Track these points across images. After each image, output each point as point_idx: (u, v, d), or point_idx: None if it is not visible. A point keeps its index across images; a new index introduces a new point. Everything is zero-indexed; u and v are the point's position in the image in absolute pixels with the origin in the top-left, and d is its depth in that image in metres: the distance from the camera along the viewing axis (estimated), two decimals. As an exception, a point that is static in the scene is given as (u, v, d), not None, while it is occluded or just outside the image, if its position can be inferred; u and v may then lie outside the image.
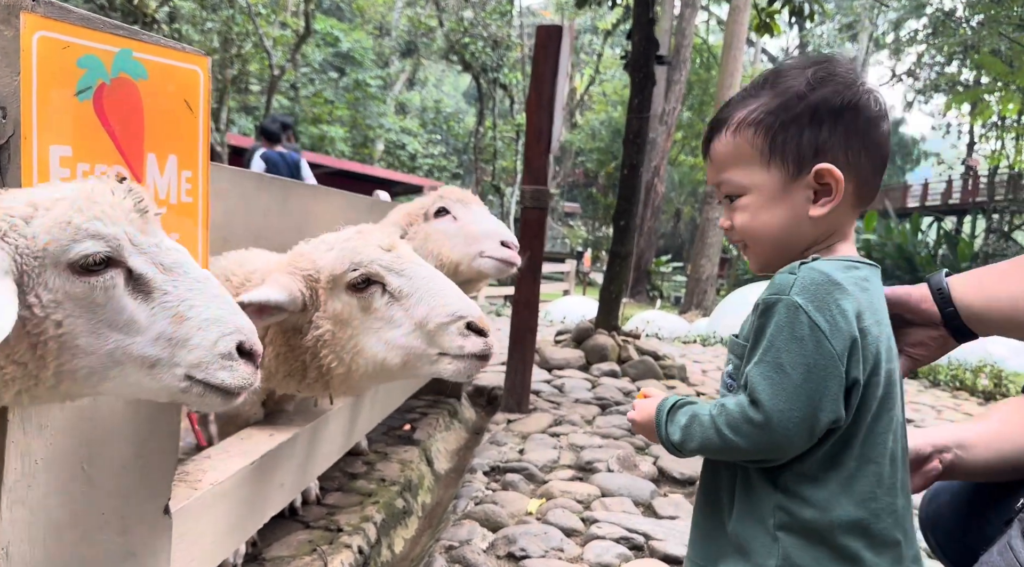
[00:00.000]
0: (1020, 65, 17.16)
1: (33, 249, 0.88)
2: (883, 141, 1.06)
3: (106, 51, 1.14)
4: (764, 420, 0.96)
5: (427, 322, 1.45)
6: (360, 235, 1.54)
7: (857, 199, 1.07)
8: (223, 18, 14.57)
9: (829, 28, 31.70)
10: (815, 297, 0.97)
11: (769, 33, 6.29)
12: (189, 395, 0.99)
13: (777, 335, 0.97)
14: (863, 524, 0.98)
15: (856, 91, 1.05)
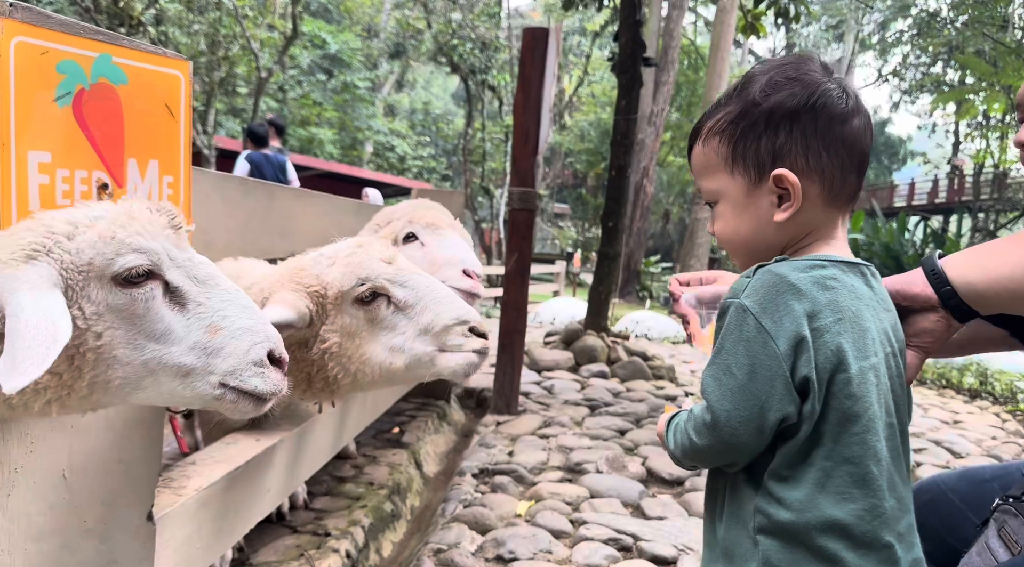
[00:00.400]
0: (1004, 65, 17.32)
1: (78, 264, 0.94)
2: (851, 138, 1.04)
3: (85, 56, 1.13)
4: (712, 421, 0.99)
5: (432, 327, 1.52)
6: (362, 249, 1.58)
7: (828, 199, 1.05)
8: (210, 20, 14.49)
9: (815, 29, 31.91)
10: (763, 299, 0.98)
11: (755, 35, 6.32)
12: (223, 402, 1.03)
13: (726, 337, 0.99)
14: (841, 524, 0.97)
15: (815, 91, 1.03)
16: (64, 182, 1.11)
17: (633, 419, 4.26)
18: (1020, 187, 22.16)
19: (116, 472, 1.24)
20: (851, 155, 1.04)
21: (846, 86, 1.05)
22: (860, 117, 1.05)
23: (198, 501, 1.51)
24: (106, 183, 1.17)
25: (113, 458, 1.23)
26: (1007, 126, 21.50)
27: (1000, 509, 1.33)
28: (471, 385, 5.03)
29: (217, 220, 1.82)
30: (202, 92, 14.65)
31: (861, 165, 1.06)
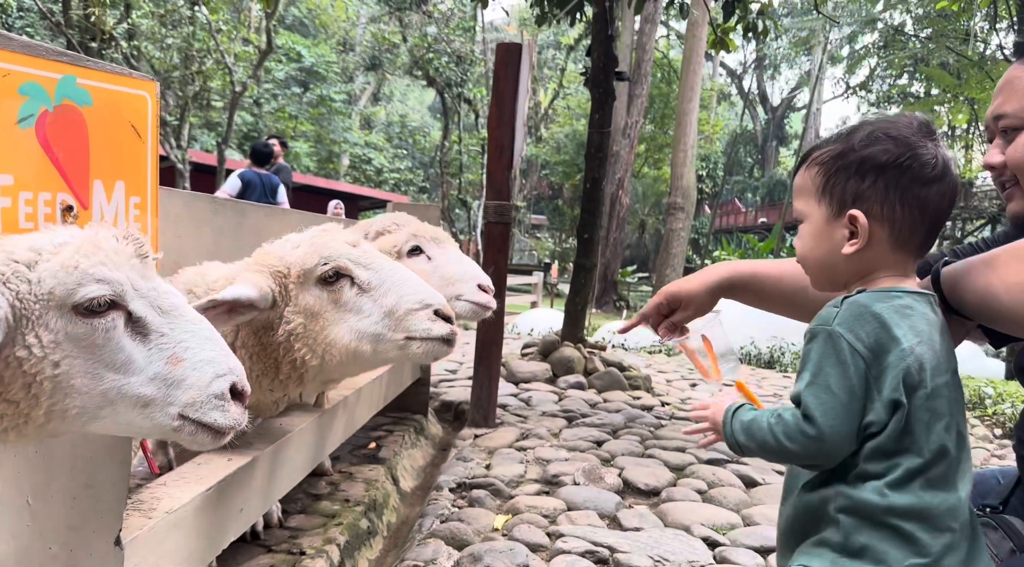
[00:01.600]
0: (968, 77, 17.74)
1: (37, 293, 0.93)
2: (927, 200, 1.16)
3: (49, 78, 1.13)
4: (818, 434, 1.12)
5: (396, 309, 1.52)
6: (326, 232, 1.60)
7: (895, 245, 1.19)
8: (183, 35, 14.40)
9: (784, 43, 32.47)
10: (854, 326, 1.13)
11: (725, 49, 6.43)
12: (181, 434, 1.02)
13: (824, 360, 1.13)
14: (917, 510, 1.11)
15: (907, 153, 1.16)
16: (27, 205, 1.10)
17: (610, 430, 4.27)
18: (985, 196, 22.65)
19: (82, 497, 1.22)
20: (923, 214, 1.17)
21: (940, 154, 1.17)
22: (942, 185, 1.17)
23: (168, 524, 1.49)
24: (71, 205, 1.17)
25: (79, 483, 1.21)
26: (972, 137, 22.01)
27: (981, 522, 1.35)
28: (448, 398, 5.01)
29: (187, 239, 1.81)
30: (176, 106, 14.53)
31: (934, 224, 1.19)
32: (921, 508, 1.11)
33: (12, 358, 0.91)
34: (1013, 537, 1.27)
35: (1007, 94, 1.29)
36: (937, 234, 1.22)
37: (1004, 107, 1.28)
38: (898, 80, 26.52)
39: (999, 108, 1.30)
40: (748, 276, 1.60)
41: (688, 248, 23.06)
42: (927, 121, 1.21)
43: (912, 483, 1.12)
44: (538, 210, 38.39)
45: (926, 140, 1.17)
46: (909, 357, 1.11)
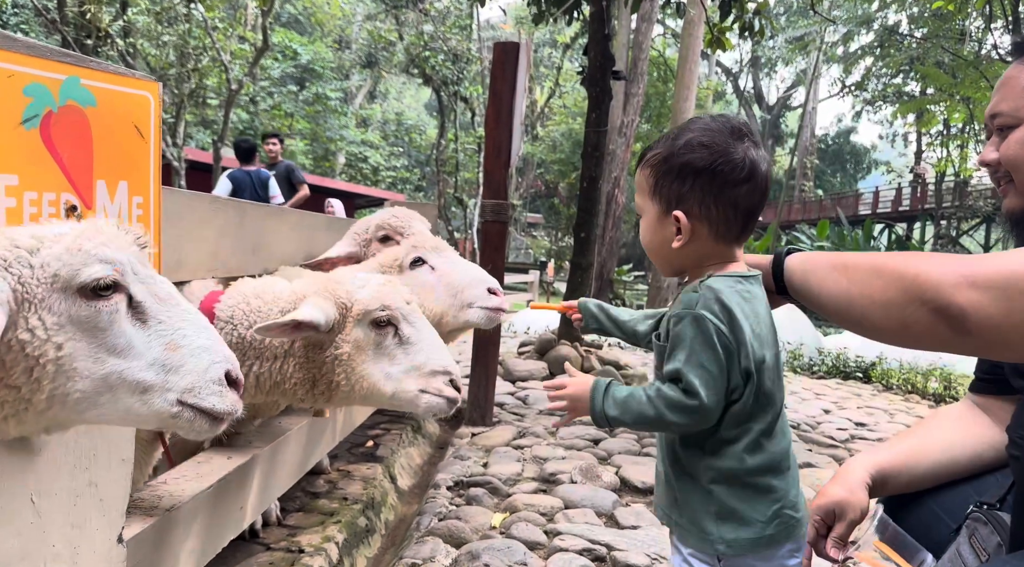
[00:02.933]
0: (963, 77, 17.79)
1: (40, 277, 0.94)
2: (739, 199, 1.32)
3: (53, 79, 1.13)
4: (699, 405, 1.28)
5: (423, 367, 1.77)
6: (391, 285, 1.86)
7: (716, 239, 1.35)
8: (179, 32, 14.35)
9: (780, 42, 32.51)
10: (715, 309, 1.29)
11: (721, 48, 6.44)
12: (179, 420, 1.04)
13: (695, 341, 1.29)
14: (767, 464, 1.34)
15: (718, 159, 1.30)
16: (32, 205, 1.11)
17: (607, 428, 4.29)
18: (980, 195, 22.73)
19: (86, 495, 1.23)
20: (736, 212, 1.33)
21: (749, 157, 1.31)
22: (751, 184, 1.32)
23: (169, 521, 1.50)
24: (75, 205, 1.17)
25: (82, 481, 1.22)
26: (967, 136, 22.08)
27: (972, 516, 1.37)
28: (445, 397, 5.02)
29: (187, 239, 1.82)
30: (172, 104, 14.48)
31: (747, 218, 1.35)
32: (770, 461, 1.34)
33: (14, 341, 0.92)
34: (1001, 532, 1.29)
35: (1003, 93, 1.31)
36: (753, 225, 1.37)
37: (1000, 106, 1.30)
38: (893, 79, 26.58)
39: (995, 106, 1.32)
40: (900, 466, 1.52)
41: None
42: (740, 124, 1.35)
43: (761, 443, 1.34)
44: (534, 209, 38.40)
45: (737, 143, 1.31)
46: (752, 336, 1.29)
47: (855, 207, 32.54)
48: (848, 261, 1.24)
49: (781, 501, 1.35)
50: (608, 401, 1.36)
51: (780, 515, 1.35)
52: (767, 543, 1.34)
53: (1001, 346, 1.04)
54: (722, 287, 1.31)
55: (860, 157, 43.30)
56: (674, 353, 1.31)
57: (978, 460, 1.51)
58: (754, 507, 1.33)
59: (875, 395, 6.88)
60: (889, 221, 28.77)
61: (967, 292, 1.02)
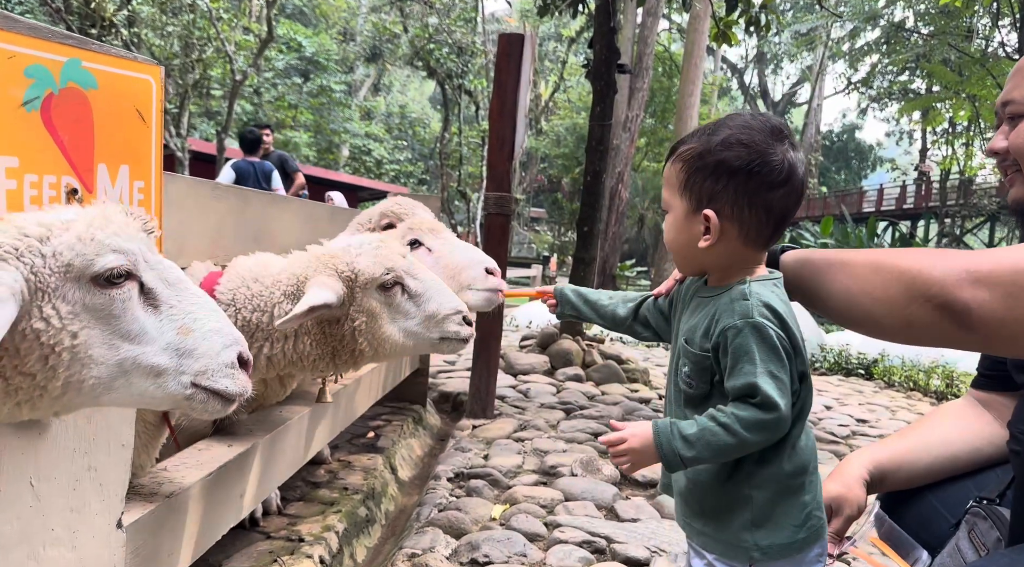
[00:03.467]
0: (969, 74, 17.72)
1: (53, 266, 0.95)
2: (772, 203, 1.27)
3: (54, 61, 1.13)
4: (777, 417, 1.22)
5: (436, 314, 1.85)
6: (385, 244, 1.88)
7: (745, 242, 1.30)
8: (184, 23, 14.32)
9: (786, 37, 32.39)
10: (769, 315, 1.25)
11: (727, 43, 6.41)
12: (192, 402, 1.06)
13: (759, 349, 1.23)
14: (803, 462, 1.31)
15: (756, 159, 1.25)
16: (32, 187, 1.10)
17: (607, 422, 4.29)
18: (985, 193, 22.64)
19: (85, 479, 1.23)
20: (769, 216, 1.28)
21: (788, 159, 1.26)
22: (788, 187, 1.27)
23: (169, 507, 1.50)
24: (75, 188, 1.17)
25: (82, 465, 1.22)
26: (972, 134, 21.98)
27: (971, 511, 1.36)
28: (447, 389, 5.03)
29: (189, 225, 1.81)
30: (176, 94, 14.47)
31: (779, 222, 1.30)
32: (805, 461, 1.32)
33: (29, 330, 0.93)
34: (1000, 527, 1.29)
35: (1016, 80, 1.29)
36: (783, 230, 1.33)
37: (1013, 94, 1.28)
38: (899, 76, 26.47)
39: (1008, 94, 1.30)
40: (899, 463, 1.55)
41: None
42: (780, 124, 1.30)
43: (797, 444, 1.31)
44: (537, 203, 38.35)
45: (776, 144, 1.26)
46: (800, 339, 1.27)
47: (859, 204, 32.45)
48: (846, 258, 1.23)
49: (812, 504, 1.32)
50: (677, 443, 1.26)
51: (811, 518, 1.32)
52: (799, 547, 1.31)
53: (1006, 342, 1.03)
54: (766, 292, 1.28)
55: (865, 154, 43.17)
56: (739, 366, 1.25)
57: (977, 455, 1.51)
58: (788, 511, 1.30)
59: (877, 392, 6.87)
60: (893, 219, 28.69)
61: (971, 288, 1.01)
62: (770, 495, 1.29)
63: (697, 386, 1.33)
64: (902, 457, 1.56)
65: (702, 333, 1.31)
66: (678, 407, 1.40)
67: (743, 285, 1.28)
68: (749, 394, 1.23)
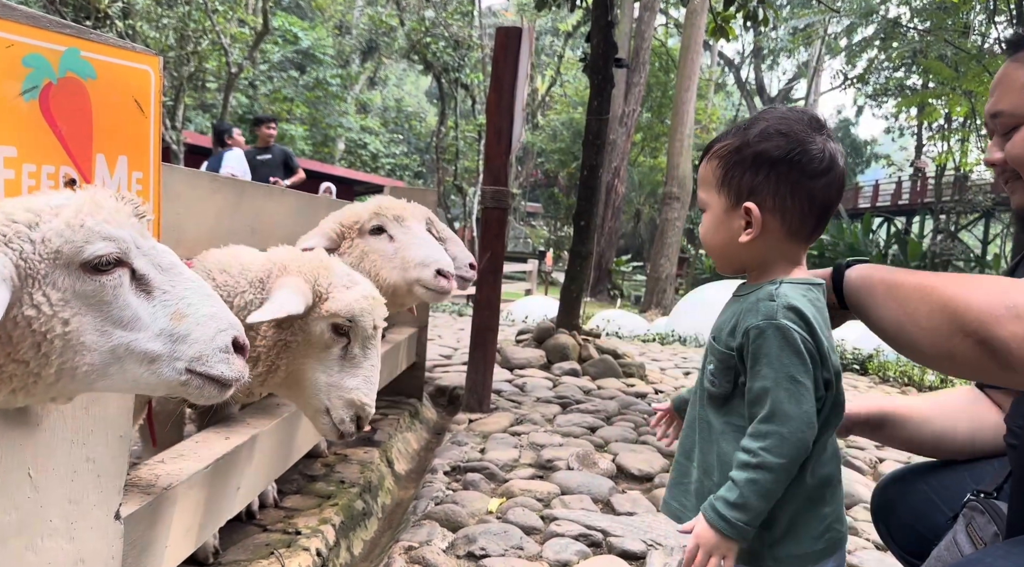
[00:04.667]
0: (966, 70, 17.73)
1: (42, 252, 0.94)
2: (816, 193, 1.24)
3: (53, 50, 1.12)
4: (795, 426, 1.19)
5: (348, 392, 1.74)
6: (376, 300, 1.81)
7: (788, 235, 1.28)
8: (179, 15, 14.25)
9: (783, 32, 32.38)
10: (795, 318, 1.21)
11: (724, 38, 6.42)
12: (188, 388, 1.06)
13: (783, 352, 1.19)
14: (828, 476, 1.29)
15: (796, 148, 1.23)
16: (30, 177, 1.10)
17: (604, 416, 4.30)
18: (980, 189, 22.70)
19: (83, 470, 1.23)
20: (812, 206, 1.25)
21: (828, 148, 1.24)
22: (829, 177, 1.25)
23: (167, 500, 1.50)
24: (73, 178, 1.16)
25: (80, 456, 1.22)
26: (968, 130, 22.02)
27: (969, 505, 1.37)
28: (443, 383, 5.03)
29: (187, 216, 1.81)
30: (171, 87, 14.41)
31: (822, 214, 1.27)
32: (830, 473, 1.29)
33: (20, 318, 0.93)
34: (998, 521, 1.29)
35: (1002, 92, 1.29)
36: (826, 222, 1.30)
37: (1000, 105, 1.29)
38: (896, 72, 26.49)
39: (995, 106, 1.30)
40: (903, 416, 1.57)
41: (683, 238, 23.07)
42: (816, 115, 1.28)
43: (824, 453, 1.28)
44: (533, 198, 38.34)
45: (815, 134, 1.24)
46: (828, 345, 1.23)
47: (855, 200, 32.54)
48: (899, 280, 1.19)
49: (831, 516, 1.29)
50: (731, 515, 1.20)
51: (830, 530, 1.28)
52: (815, 559, 1.28)
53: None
54: (795, 295, 1.23)
55: (860, 150, 43.22)
56: (758, 368, 1.22)
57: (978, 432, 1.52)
58: (808, 523, 1.27)
59: (872, 387, 6.90)
60: (888, 215, 28.76)
61: (1012, 324, 0.98)
62: (793, 506, 1.26)
63: (720, 385, 1.31)
64: (906, 413, 1.59)
65: (728, 331, 1.29)
66: (701, 407, 1.37)
67: (773, 286, 1.25)
68: (759, 401, 1.21)
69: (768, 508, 1.21)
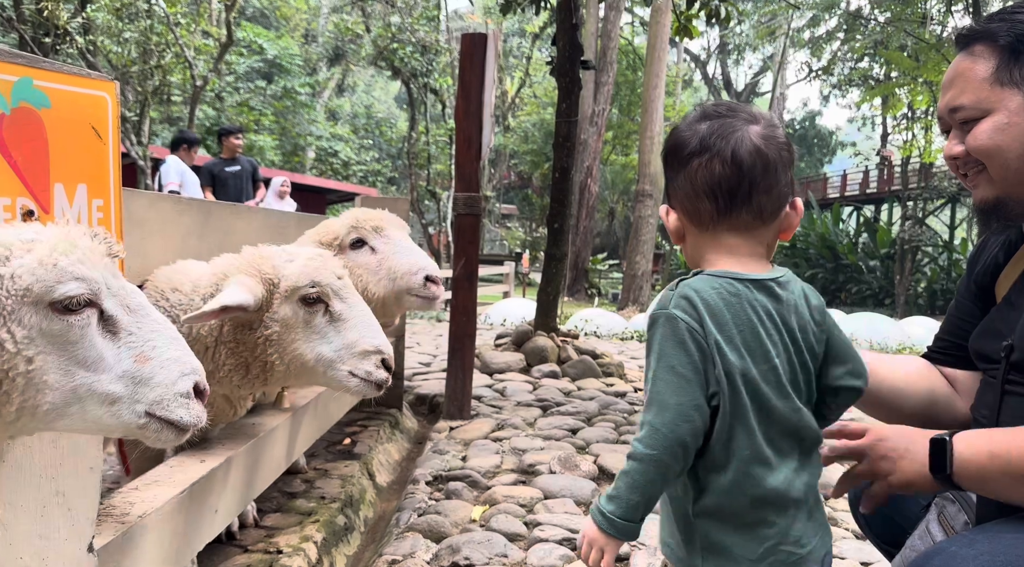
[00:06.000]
0: (926, 60, 18.05)
1: (10, 289, 0.93)
2: (694, 172, 1.22)
3: (4, 81, 1.10)
4: (666, 419, 1.16)
5: (354, 346, 1.70)
6: (322, 258, 1.78)
7: (697, 225, 1.27)
8: (141, 28, 14.05)
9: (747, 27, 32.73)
10: (688, 309, 1.17)
11: (688, 36, 6.47)
12: (146, 431, 1.05)
13: (665, 342, 1.17)
14: (766, 499, 1.18)
15: (675, 137, 1.26)
16: (-14, 211, 1.08)
17: (584, 418, 4.31)
18: (945, 175, 23.11)
19: (53, 504, 1.21)
20: (695, 187, 1.22)
21: (700, 130, 1.22)
22: (705, 156, 1.21)
23: (142, 528, 1.48)
24: (31, 210, 1.15)
25: (49, 491, 1.20)
26: (930, 119, 22.41)
27: (940, 495, 1.40)
28: (423, 391, 5.01)
29: (152, 240, 1.78)
30: (135, 102, 14.20)
31: (714, 195, 1.21)
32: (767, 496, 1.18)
33: None
34: (967, 510, 1.32)
35: (960, 87, 1.31)
36: (732, 202, 1.21)
37: (960, 99, 1.31)
38: (859, 63, 26.90)
39: (954, 100, 1.32)
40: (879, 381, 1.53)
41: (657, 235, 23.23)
42: (707, 106, 1.28)
43: (755, 474, 1.19)
44: (508, 200, 38.36)
45: (695, 124, 1.25)
46: (723, 339, 1.16)
47: (823, 190, 32.98)
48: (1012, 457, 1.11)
49: (777, 538, 1.18)
50: (604, 506, 1.18)
51: (775, 552, 1.18)
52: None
53: None
54: (701, 286, 1.19)
55: (825, 140, 43.86)
56: (647, 357, 1.21)
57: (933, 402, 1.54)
58: (744, 543, 1.18)
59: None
60: (857, 204, 29.21)
61: None
62: (717, 524, 1.19)
63: None
64: None
65: None
66: None
67: (688, 277, 1.23)
68: (646, 390, 1.18)
69: (642, 502, 1.16)
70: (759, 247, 1.25)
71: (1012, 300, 1.37)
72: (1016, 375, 1.27)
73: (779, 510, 1.18)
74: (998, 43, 1.26)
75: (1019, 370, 1.26)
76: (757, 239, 1.24)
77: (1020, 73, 1.24)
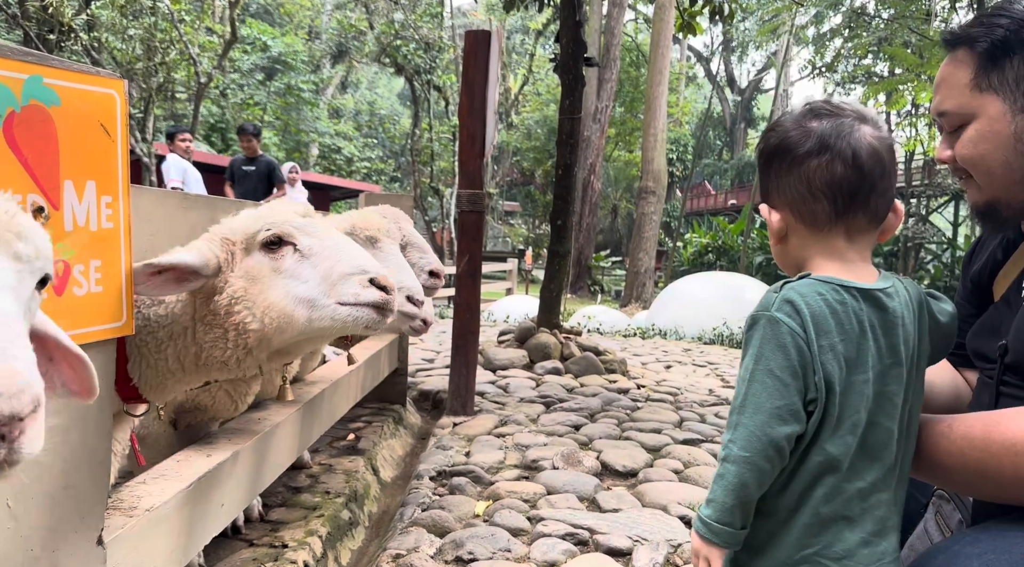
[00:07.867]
0: (930, 56, 18.00)
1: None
2: (811, 173, 1.19)
3: (14, 78, 1.11)
4: (759, 421, 1.12)
5: (331, 274, 1.54)
6: (277, 202, 1.73)
7: (808, 226, 1.22)
8: (145, 25, 14.06)
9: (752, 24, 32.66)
10: (791, 312, 1.13)
11: (692, 33, 6.48)
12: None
13: (764, 345, 1.14)
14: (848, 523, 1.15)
15: (784, 136, 1.23)
16: (-4, 207, 1.09)
17: (587, 414, 4.33)
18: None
19: (63, 498, 1.23)
20: (811, 188, 1.19)
21: (817, 130, 1.19)
22: (824, 156, 1.18)
23: (150, 522, 1.50)
24: (42, 206, 1.16)
25: (59, 485, 1.21)
26: (935, 115, 22.36)
27: (936, 494, 1.40)
28: (426, 387, 5.03)
29: (160, 237, 1.79)
30: (140, 99, 14.22)
31: (833, 196, 1.18)
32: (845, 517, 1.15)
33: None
34: (963, 510, 1.32)
35: (945, 92, 1.32)
36: (852, 204, 1.18)
37: (944, 105, 1.32)
38: (863, 60, 26.83)
39: (939, 105, 1.33)
40: None
41: (660, 232, 23.21)
42: (813, 104, 1.25)
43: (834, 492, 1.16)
44: (511, 197, 38.37)
45: (806, 121, 1.22)
46: (831, 349, 1.13)
47: (828, 188, 32.83)
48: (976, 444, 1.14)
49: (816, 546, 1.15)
50: (703, 512, 1.16)
51: (808, 561, 1.15)
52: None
53: None
54: (807, 290, 1.15)
55: (832, 138, 43.67)
56: (743, 358, 1.17)
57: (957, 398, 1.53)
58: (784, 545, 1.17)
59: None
60: (861, 201, 29.02)
61: None
62: (768, 523, 1.18)
63: None
64: None
65: None
66: None
67: (793, 280, 1.19)
68: (738, 390, 1.15)
69: (737, 505, 1.12)
70: (866, 251, 1.23)
71: (1010, 299, 1.37)
72: (1011, 376, 1.26)
73: (837, 535, 1.15)
74: (975, 49, 1.26)
75: (1014, 371, 1.25)
76: (866, 242, 1.23)
77: (999, 79, 1.24)
